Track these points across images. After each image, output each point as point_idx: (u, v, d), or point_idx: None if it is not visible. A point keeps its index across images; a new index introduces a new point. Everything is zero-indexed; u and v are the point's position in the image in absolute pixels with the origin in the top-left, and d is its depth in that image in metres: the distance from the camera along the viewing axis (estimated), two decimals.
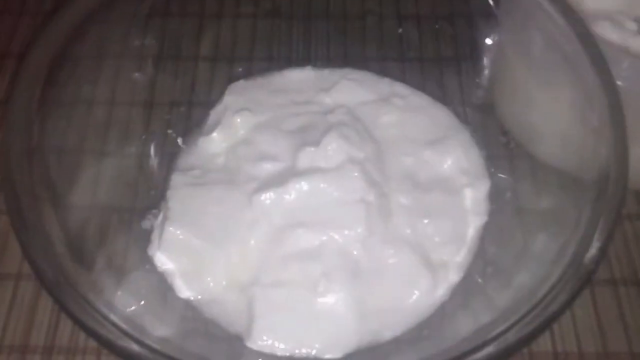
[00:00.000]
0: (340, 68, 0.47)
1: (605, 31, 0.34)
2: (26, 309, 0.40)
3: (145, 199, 0.41)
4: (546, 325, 0.27)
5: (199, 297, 0.37)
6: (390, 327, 0.35)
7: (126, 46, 0.44)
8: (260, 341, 0.34)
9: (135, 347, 0.28)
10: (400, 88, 0.46)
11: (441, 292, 0.36)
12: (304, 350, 0.34)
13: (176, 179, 0.40)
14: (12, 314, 0.40)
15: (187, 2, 0.49)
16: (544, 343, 0.38)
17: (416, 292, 0.36)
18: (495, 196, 0.40)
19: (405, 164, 0.41)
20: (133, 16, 0.43)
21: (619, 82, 0.33)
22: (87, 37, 0.39)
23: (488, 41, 0.44)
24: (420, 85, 0.46)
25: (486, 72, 0.45)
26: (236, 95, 0.44)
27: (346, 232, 0.36)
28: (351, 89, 0.45)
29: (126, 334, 0.29)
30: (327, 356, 0.34)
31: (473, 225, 0.39)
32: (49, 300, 0.39)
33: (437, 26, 0.48)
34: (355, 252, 0.36)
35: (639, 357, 0.38)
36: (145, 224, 0.40)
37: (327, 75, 0.46)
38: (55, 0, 0.55)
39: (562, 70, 0.35)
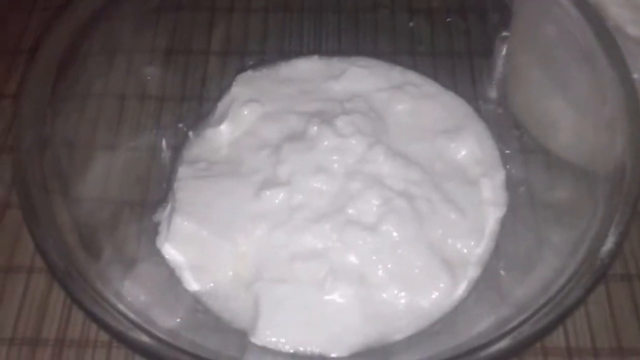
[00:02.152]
0: (348, 57, 0.46)
1: (622, 24, 0.34)
2: (38, 302, 0.41)
3: (155, 192, 0.41)
4: (560, 320, 0.27)
5: (206, 289, 0.37)
6: (403, 329, 0.35)
7: (137, 40, 0.44)
8: (265, 337, 0.34)
9: (145, 339, 0.28)
10: (412, 76, 0.45)
11: (460, 291, 0.36)
12: (308, 348, 0.34)
13: (183, 171, 0.40)
14: (24, 306, 0.40)
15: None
16: (557, 339, 0.38)
17: (435, 293, 0.35)
18: (510, 189, 0.40)
19: (420, 153, 0.40)
20: (144, 10, 0.43)
21: (635, 75, 0.32)
22: (98, 32, 0.39)
23: (501, 35, 0.44)
24: (432, 78, 0.46)
25: (499, 66, 0.44)
26: (243, 86, 0.44)
27: (356, 229, 0.36)
28: (362, 76, 0.44)
29: (136, 325, 0.29)
30: (332, 354, 0.34)
31: (492, 216, 0.38)
32: (61, 293, 0.40)
33: (449, 20, 0.48)
34: (364, 251, 0.36)
35: None
36: (156, 217, 0.40)
37: (336, 63, 0.46)
38: None
39: (577, 63, 0.35)
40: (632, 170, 0.30)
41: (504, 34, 0.43)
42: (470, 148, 0.41)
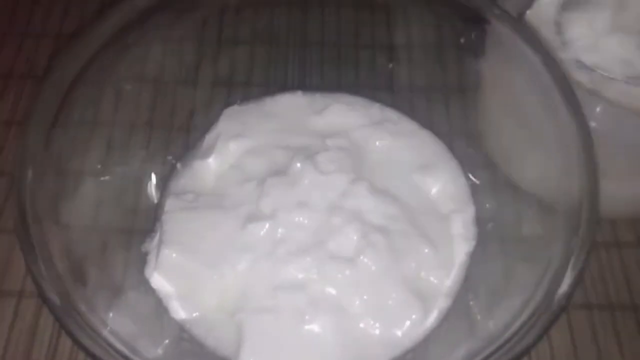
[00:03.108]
0: (331, 92, 0.49)
1: (581, 77, 0.36)
2: (27, 326, 0.42)
3: (143, 221, 0.43)
4: (522, 355, 0.29)
5: (192, 318, 0.38)
6: (378, 357, 0.37)
7: (127, 70, 0.45)
8: None
9: None
10: (390, 114, 0.47)
11: (431, 321, 0.38)
12: None
13: (171, 202, 0.42)
14: (14, 330, 0.42)
15: (188, 30, 0.51)
16: None
17: (407, 322, 0.37)
18: (479, 224, 0.42)
19: (398, 189, 0.43)
20: (137, 43, 0.45)
21: (592, 124, 0.35)
22: (95, 63, 0.40)
23: (475, 72, 0.46)
24: (409, 114, 0.48)
25: (473, 103, 0.47)
26: (230, 120, 0.46)
27: (336, 262, 0.38)
28: (343, 113, 0.47)
29: (122, 355, 0.31)
30: None
31: (462, 250, 0.41)
32: (50, 318, 0.41)
33: (427, 57, 0.50)
34: (343, 283, 0.38)
35: None
36: (144, 247, 0.41)
37: (319, 99, 0.48)
38: (60, 23, 0.57)
39: (541, 110, 0.37)
40: (588, 214, 0.33)
41: (479, 71, 0.46)
42: (443, 184, 0.43)
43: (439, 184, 0.43)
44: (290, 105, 0.47)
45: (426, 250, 0.39)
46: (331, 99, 0.47)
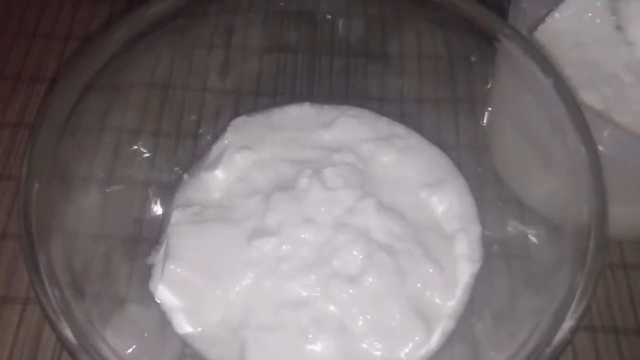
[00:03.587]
0: (338, 105, 0.48)
1: (576, 87, 0.36)
2: (32, 332, 0.42)
3: (149, 233, 0.43)
4: None
5: (195, 333, 0.38)
6: None
7: (137, 79, 0.45)
8: None
9: None
10: (398, 128, 0.47)
11: (434, 343, 0.37)
12: None
13: (176, 215, 0.42)
14: (19, 336, 0.42)
15: (198, 36, 0.51)
16: None
17: (410, 344, 0.37)
18: (485, 244, 0.42)
19: (405, 206, 0.42)
20: (147, 49, 0.45)
21: (600, 148, 0.35)
22: (104, 73, 0.40)
23: (486, 88, 0.46)
24: (417, 128, 0.48)
25: (482, 120, 0.47)
26: (237, 131, 0.46)
27: (339, 280, 0.38)
28: (351, 126, 0.46)
29: None
30: None
31: (467, 271, 0.40)
32: None
33: (437, 72, 0.50)
34: (346, 302, 0.37)
35: None
36: (149, 259, 0.41)
37: (327, 111, 0.47)
38: (68, 26, 0.57)
39: (550, 131, 0.37)
40: (596, 241, 0.33)
41: (489, 87, 0.46)
42: (450, 203, 0.43)
43: (446, 202, 0.43)
44: (298, 118, 0.47)
45: (431, 270, 0.39)
46: (339, 111, 0.47)
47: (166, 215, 0.43)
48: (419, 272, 0.39)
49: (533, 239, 0.40)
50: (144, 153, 0.46)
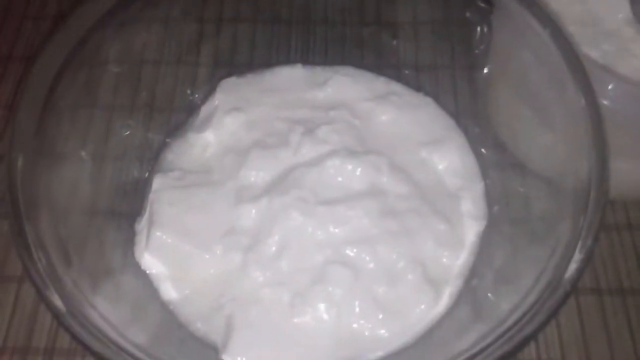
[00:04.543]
0: (332, 66, 0.47)
1: (579, 43, 0.35)
2: (28, 311, 0.42)
3: (132, 201, 0.42)
4: (520, 347, 0.28)
5: (181, 301, 0.37)
6: (377, 348, 0.35)
7: (127, 50, 0.44)
8: (236, 355, 0.35)
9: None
10: (396, 87, 0.45)
11: (441, 308, 0.36)
12: None
13: (158, 180, 0.40)
14: (15, 316, 0.42)
15: (190, 6, 0.49)
16: (528, 351, 0.39)
17: (419, 308, 0.36)
18: (487, 204, 0.41)
19: (402, 164, 0.41)
20: (134, 19, 0.44)
21: (604, 102, 0.33)
22: (90, 43, 0.39)
23: (482, 50, 0.45)
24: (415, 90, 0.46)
25: (480, 81, 0.45)
26: (227, 93, 0.44)
27: (333, 246, 0.36)
28: (345, 85, 0.45)
29: (111, 341, 0.30)
30: None
31: (473, 229, 0.39)
32: None
33: (433, 33, 0.49)
34: (341, 270, 0.36)
35: None
36: (134, 227, 0.40)
37: (320, 71, 0.46)
38: (59, 4, 0.56)
39: (549, 87, 0.36)
40: (596, 192, 0.32)
41: (485, 46, 0.44)
42: (451, 160, 0.41)
43: (447, 160, 0.41)
44: (289, 78, 0.45)
45: (442, 228, 0.38)
46: (332, 71, 0.46)
47: (149, 182, 0.42)
48: (429, 230, 0.37)
49: (534, 197, 0.39)
50: (129, 124, 0.45)
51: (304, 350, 0.35)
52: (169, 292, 0.37)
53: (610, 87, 0.34)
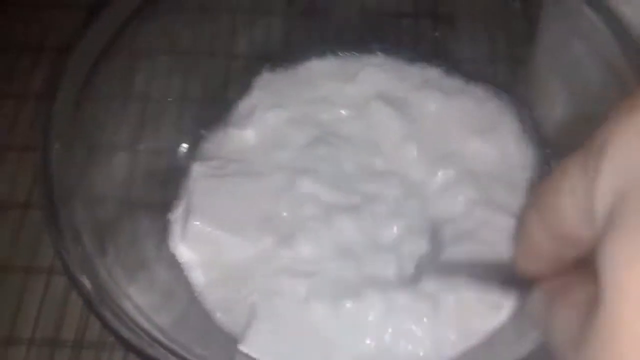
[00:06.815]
0: (360, 54, 0.45)
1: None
2: (57, 303, 0.41)
3: (169, 191, 0.41)
4: None
5: (209, 291, 0.37)
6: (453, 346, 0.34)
7: (160, 42, 0.43)
8: (254, 346, 0.34)
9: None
10: (434, 72, 0.44)
11: (503, 314, 0.34)
12: None
13: (197, 169, 0.40)
14: (44, 308, 0.41)
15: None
16: None
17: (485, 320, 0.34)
18: None
19: (456, 155, 0.39)
20: (171, 12, 0.43)
21: None
22: (126, 35, 0.39)
23: (528, 37, 0.43)
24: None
25: (524, 75, 0.44)
26: (264, 90, 0.44)
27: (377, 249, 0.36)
28: (378, 76, 0.43)
29: (146, 333, 0.29)
30: None
31: None
32: None
33: (479, 23, 0.47)
34: (382, 265, 0.35)
35: None
36: (169, 216, 0.40)
37: (351, 62, 0.45)
38: None
39: (603, 79, 0.34)
40: None
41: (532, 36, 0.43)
42: (509, 149, 0.39)
43: (504, 149, 0.39)
44: (322, 72, 0.44)
45: (511, 222, 0.35)
46: (363, 62, 0.44)
47: (187, 173, 0.41)
48: (488, 228, 0.36)
49: None
50: (170, 117, 0.44)
51: (324, 347, 0.34)
52: (201, 279, 0.37)
53: None
